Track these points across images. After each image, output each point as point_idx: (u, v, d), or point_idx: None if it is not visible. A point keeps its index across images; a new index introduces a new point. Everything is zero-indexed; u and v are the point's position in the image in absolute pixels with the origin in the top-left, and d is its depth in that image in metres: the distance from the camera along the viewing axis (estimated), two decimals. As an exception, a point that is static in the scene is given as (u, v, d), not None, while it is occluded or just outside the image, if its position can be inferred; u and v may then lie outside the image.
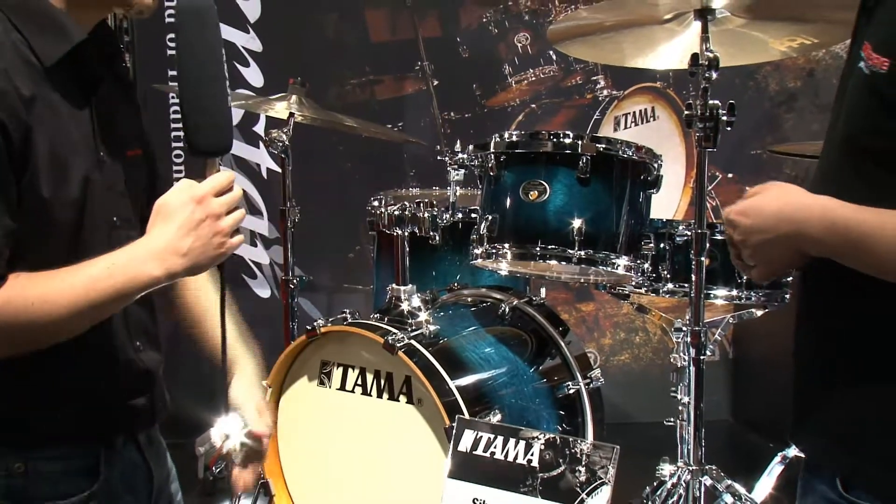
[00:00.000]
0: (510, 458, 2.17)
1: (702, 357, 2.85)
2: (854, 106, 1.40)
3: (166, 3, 3.56)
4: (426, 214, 3.04)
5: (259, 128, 4.34)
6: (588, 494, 2.08)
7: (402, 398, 2.74)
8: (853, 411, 1.43)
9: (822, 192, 1.44)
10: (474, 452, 2.20)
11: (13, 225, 1.42)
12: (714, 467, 2.92)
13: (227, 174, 1.52)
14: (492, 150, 2.77)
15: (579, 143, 2.67)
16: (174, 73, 4.04)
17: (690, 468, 2.88)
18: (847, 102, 1.42)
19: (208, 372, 1.80)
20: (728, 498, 2.86)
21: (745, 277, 2.76)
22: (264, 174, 4.41)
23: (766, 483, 3.22)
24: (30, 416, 1.53)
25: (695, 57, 2.72)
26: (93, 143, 1.54)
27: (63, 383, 1.54)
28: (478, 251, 2.79)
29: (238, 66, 4.33)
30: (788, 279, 2.80)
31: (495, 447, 2.19)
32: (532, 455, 2.15)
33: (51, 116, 1.46)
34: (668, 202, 4.27)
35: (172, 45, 4.08)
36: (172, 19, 1.59)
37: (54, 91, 1.48)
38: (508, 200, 2.74)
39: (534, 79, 4.44)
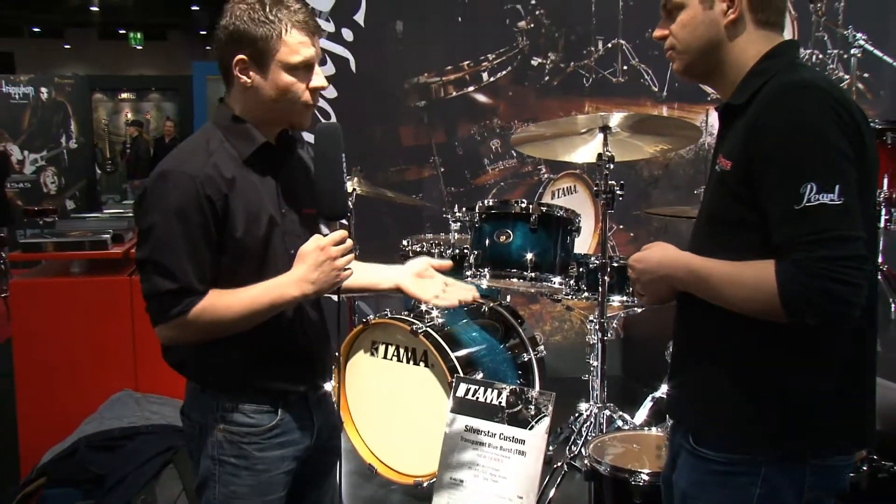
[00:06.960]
0: (488, 401, 2.15)
1: (605, 337, 2.84)
2: (712, 192, 1.38)
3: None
4: (436, 251, 3.04)
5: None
6: (536, 422, 2.07)
7: (422, 364, 2.73)
8: (700, 386, 1.37)
9: (695, 245, 1.40)
10: (466, 397, 2.19)
11: (211, 258, 1.42)
12: (612, 404, 2.89)
13: (341, 232, 1.50)
14: (477, 211, 2.77)
15: (530, 206, 2.67)
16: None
17: (598, 405, 2.86)
18: (709, 190, 1.41)
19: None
20: (620, 423, 2.84)
21: (631, 289, 2.74)
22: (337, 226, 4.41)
23: (642, 413, 3.20)
24: (237, 375, 1.49)
25: (599, 155, 2.74)
26: (276, 202, 1.51)
27: (261, 356, 1.50)
28: (468, 273, 2.78)
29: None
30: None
31: (479, 393, 2.18)
32: (502, 398, 2.14)
33: (246, 187, 1.45)
34: (584, 242, 4.24)
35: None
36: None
37: (251, 172, 1.47)
38: (487, 242, 2.73)
39: (503, 168, 4.43)
